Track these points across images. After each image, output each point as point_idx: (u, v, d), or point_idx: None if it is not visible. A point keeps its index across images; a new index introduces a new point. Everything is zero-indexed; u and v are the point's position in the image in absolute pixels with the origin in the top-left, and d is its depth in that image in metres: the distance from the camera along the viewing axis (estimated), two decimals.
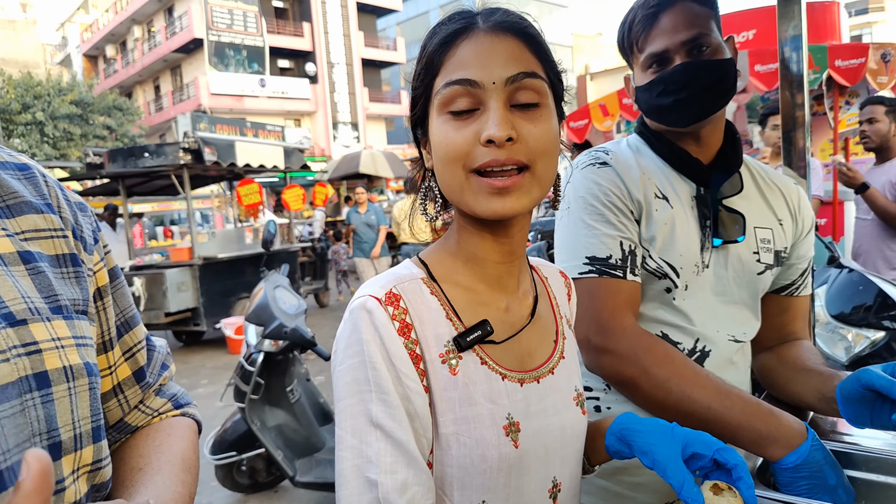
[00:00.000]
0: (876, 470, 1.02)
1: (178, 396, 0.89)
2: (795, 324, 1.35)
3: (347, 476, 0.72)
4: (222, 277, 8.05)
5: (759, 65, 4.78)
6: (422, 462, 0.74)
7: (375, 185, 20.21)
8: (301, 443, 3.57)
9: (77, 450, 0.61)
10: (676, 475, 0.75)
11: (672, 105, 1.17)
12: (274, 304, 3.58)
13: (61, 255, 0.69)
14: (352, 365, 0.74)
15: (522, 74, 0.74)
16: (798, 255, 1.31)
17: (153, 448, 0.78)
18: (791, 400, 1.25)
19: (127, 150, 8.25)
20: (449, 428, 0.76)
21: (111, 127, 23.74)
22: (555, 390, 0.84)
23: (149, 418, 0.84)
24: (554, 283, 0.96)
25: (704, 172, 1.22)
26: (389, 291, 0.77)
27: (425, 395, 0.75)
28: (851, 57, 4.60)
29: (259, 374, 3.42)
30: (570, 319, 0.97)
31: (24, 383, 0.57)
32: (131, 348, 0.81)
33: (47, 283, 0.65)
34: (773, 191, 1.31)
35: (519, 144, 0.73)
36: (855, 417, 1.01)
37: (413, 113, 0.83)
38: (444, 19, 0.79)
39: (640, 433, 0.82)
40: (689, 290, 1.20)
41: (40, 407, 0.58)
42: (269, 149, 9.47)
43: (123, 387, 0.79)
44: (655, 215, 1.19)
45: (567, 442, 0.84)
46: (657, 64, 1.18)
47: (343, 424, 0.74)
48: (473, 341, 0.78)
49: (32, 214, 0.68)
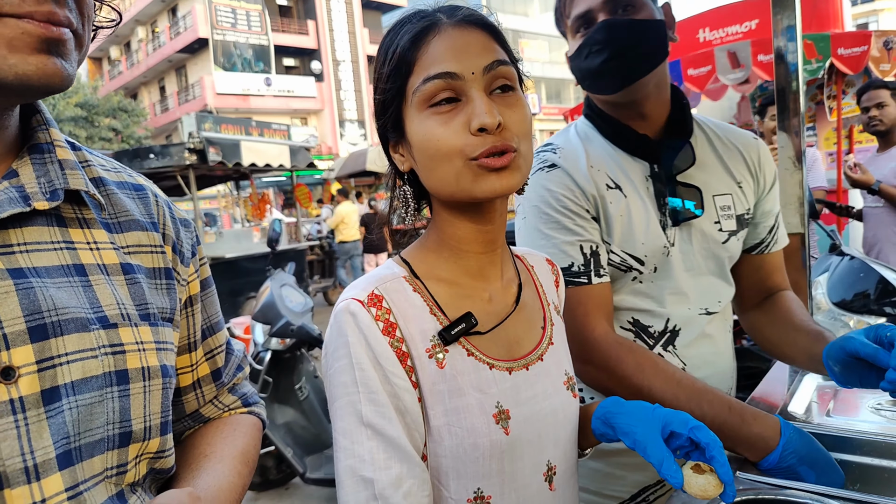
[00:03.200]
0: (868, 453, 1.03)
1: (247, 396, 0.98)
2: (773, 278, 1.36)
3: (343, 477, 0.75)
4: (230, 277, 8.08)
5: (762, 55, 4.76)
6: (415, 456, 0.76)
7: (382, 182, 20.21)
8: (310, 440, 3.60)
9: (145, 440, 0.69)
10: (656, 453, 0.77)
11: (599, 68, 1.16)
12: (280, 303, 3.61)
13: (157, 268, 0.78)
14: (339, 368, 0.77)
15: (497, 62, 0.77)
16: (763, 211, 1.31)
17: (220, 439, 0.87)
18: (783, 360, 1.29)
19: (132, 151, 8.28)
20: (440, 420, 0.78)
21: (117, 129, 23.85)
22: (545, 376, 0.86)
23: (220, 412, 0.93)
24: (540, 271, 0.98)
25: (653, 149, 1.21)
26: (371, 293, 0.79)
27: (414, 390, 0.78)
28: (854, 45, 4.57)
29: (267, 372, 3.46)
30: (558, 306, 0.98)
31: (108, 378, 0.66)
32: (212, 350, 0.91)
33: (141, 293, 0.73)
34: (730, 150, 1.30)
35: (506, 130, 0.75)
36: (843, 380, 1.04)
37: (385, 116, 0.83)
38: (404, 20, 0.81)
39: (622, 415, 0.84)
40: (657, 272, 1.21)
41: (117, 399, 0.66)
42: (274, 148, 9.48)
43: (202, 383, 0.89)
44: (610, 208, 1.19)
45: (560, 425, 0.86)
46: (583, 27, 1.18)
47: (336, 426, 0.77)
48: (458, 334, 0.79)
49: (138, 231, 0.77)
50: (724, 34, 5.82)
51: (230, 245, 8.70)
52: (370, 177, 16.62)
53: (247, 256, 8.42)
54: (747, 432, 1.00)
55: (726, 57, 4.98)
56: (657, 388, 1.07)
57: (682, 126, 1.23)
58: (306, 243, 10.47)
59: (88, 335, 0.65)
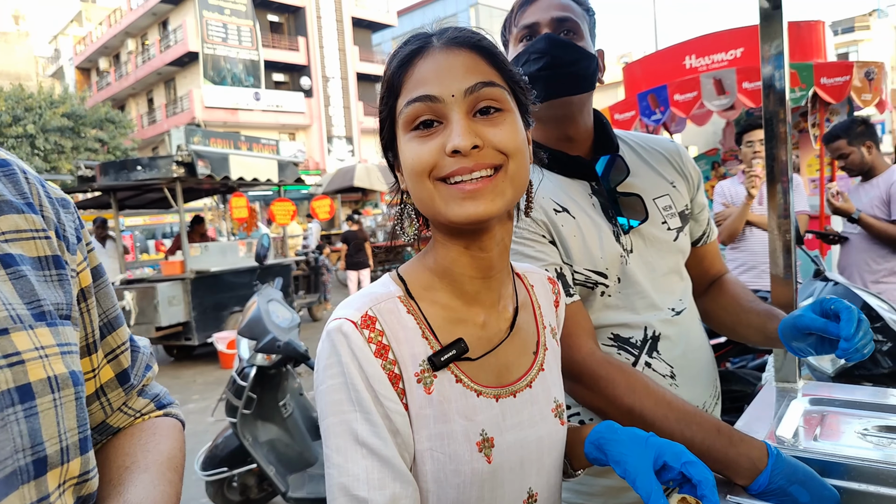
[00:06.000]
0: (856, 478, 1.04)
1: (160, 396, 0.87)
2: (715, 266, 1.50)
3: (335, 494, 0.74)
4: (215, 291, 8.03)
5: (747, 82, 4.86)
6: (408, 475, 0.76)
7: (370, 199, 20.23)
8: (294, 458, 3.55)
9: (63, 463, 0.59)
10: (644, 485, 0.76)
11: (533, 75, 1.21)
12: (267, 318, 3.58)
13: (44, 256, 0.65)
14: (333, 386, 0.76)
15: (480, 84, 0.75)
16: (698, 204, 1.42)
17: (139, 447, 0.77)
18: (740, 340, 1.41)
19: (119, 163, 8.24)
20: (423, 444, 0.78)
21: (103, 140, 23.67)
22: (532, 403, 0.86)
23: (131, 419, 0.82)
24: (540, 291, 0.97)
25: (588, 167, 1.29)
26: (365, 314, 0.78)
27: (405, 412, 0.77)
28: (836, 75, 4.68)
29: (251, 388, 3.41)
30: (555, 328, 0.98)
31: (6, 397, 0.54)
32: (114, 350, 0.78)
33: (30, 288, 0.61)
34: (655, 156, 1.39)
35: (486, 150, 0.75)
36: (799, 352, 1.14)
37: (382, 137, 0.85)
38: (402, 43, 0.82)
39: (615, 442, 0.83)
40: (622, 281, 1.26)
41: (23, 421, 0.55)
42: (263, 162, 9.48)
43: (106, 389, 0.77)
44: (563, 231, 1.23)
45: (545, 452, 0.86)
46: (527, 38, 1.27)
47: (328, 443, 0.76)
48: (448, 360, 0.79)
49: (13, 214, 0.64)
50: (710, 61, 5.93)
51: (215, 259, 8.64)
52: (357, 192, 16.64)
53: (232, 270, 8.37)
54: (735, 455, 1.00)
55: (712, 84, 5.07)
56: (648, 409, 1.08)
57: (608, 142, 1.32)
58: (292, 258, 10.42)
59: None
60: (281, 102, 29.25)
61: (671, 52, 6.46)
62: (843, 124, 3.56)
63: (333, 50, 31.18)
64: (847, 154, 3.40)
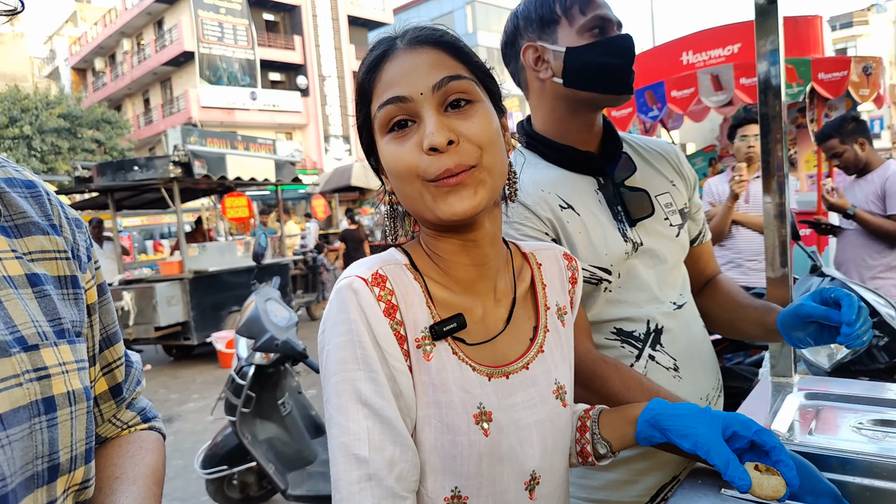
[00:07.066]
0: (850, 472, 1.04)
1: (146, 410, 0.92)
2: (710, 266, 1.52)
3: (336, 453, 0.75)
4: (213, 291, 8.03)
5: (744, 77, 4.86)
6: (409, 439, 0.77)
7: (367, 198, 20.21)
8: (293, 456, 3.56)
9: (72, 470, 0.63)
10: (721, 456, 0.77)
11: (618, 66, 1.23)
12: (265, 317, 3.58)
13: (63, 276, 0.70)
14: (340, 343, 0.76)
15: (447, 78, 0.77)
16: (695, 204, 1.45)
17: (127, 459, 0.81)
18: (738, 336, 1.42)
19: (116, 163, 8.23)
20: (422, 411, 0.79)
21: (100, 140, 23.61)
22: (530, 384, 0.86)
23: (118, 430, 0.86)
24: (550, 270, 0.97)
25: (599, 163, 1.30)
26: (376, 272, 0.79)
27: (409, 374, 0.78)
28: (834, 70, 4.69)
29: (250, 387, 3.42)
30: (565, 307, 0.97)
31: (35, 407, 0.59)
32: (111, 364, 0.82)
33: (52, 307, 0.66)
34: (655, 156, 1.42)
35: (462, 144, 0.76)
36: (799, 343, 1.15)
37: (362, 143, 0.87)
38: (371, 48, 0.83)
39: (677, 417, 0.83)
40: (625, 276, 1.26)
41: (45, 430, 0.60)
42: (260, 162, 9.47)
43: (99, 401, 0.81)
44: (568, 227, 1.24)
45: (546, 435, 0.86)
46: (601, 29, 1.24)
47: (331, 402, 0.76)
48: (448, 332, 0.80)
49: (39, 235, 0.68)
50: (707, 57, 5.94)
51: (213, 258, 8.63)
52: (354, 192, 16.62)
53: (230, 270, 8.36)
54: None
55: (709, 80, 5.08)
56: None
57: (615, 140, 1.34)
58: (290, 258, 10.42)
59: (10, 360, 0.58)
60: (277, 102, 29.19)
61: (668, 48, 6.47)
62: (833, 123, 3.56)
63: (329, 49, 31.11)
64: (841, 153, 3.41)
